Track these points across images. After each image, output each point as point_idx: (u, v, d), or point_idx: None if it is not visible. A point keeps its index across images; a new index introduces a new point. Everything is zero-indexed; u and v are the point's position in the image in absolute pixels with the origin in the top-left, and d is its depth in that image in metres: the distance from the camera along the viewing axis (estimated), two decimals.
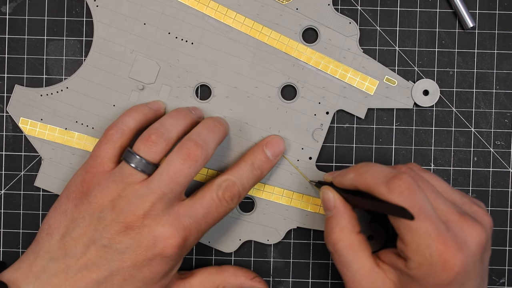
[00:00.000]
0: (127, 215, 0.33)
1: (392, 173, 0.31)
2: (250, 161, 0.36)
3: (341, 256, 0.33)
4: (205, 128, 0.35)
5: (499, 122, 0.40)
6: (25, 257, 0.34)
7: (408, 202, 0.30)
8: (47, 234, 0.34)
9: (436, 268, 0.30)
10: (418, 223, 0.30)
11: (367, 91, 0.39)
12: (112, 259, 0.33)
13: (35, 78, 0.40)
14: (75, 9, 0.40)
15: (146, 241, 0.33)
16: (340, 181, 0.34)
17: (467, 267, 0.30)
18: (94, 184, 0.34)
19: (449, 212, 0.31)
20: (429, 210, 0.30)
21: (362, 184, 0.32)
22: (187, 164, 0.33)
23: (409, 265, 0.31)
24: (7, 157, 0.40)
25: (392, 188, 0.30)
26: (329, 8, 0.39)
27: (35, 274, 0.33)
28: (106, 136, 0.35)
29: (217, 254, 0.41)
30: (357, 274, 0.33)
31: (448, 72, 0.40)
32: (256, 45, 0.39)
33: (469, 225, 0.31)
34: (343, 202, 0.34)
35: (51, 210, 0.35)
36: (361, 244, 0.33)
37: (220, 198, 0.34)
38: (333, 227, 0.34)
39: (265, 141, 0.38)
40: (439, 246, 0.30)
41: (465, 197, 0.34)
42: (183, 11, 0.39)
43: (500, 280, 0.40)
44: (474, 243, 0.31)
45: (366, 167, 0.33)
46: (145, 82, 0.39)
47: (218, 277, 0.38)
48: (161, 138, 0.34)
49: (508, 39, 0.40)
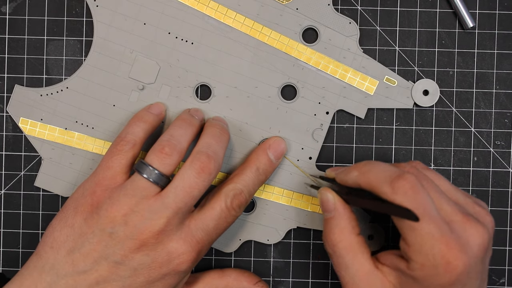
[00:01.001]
0: (142, 232, 0.32)
1: (396, 173, 0.31)
2: (254, 166, 0.36)
3: (340, 258, 0.33)
4: (213, 138, 0.35)
5: (499, 122, 0.40)
6: (26, 272, 0.33)
7: (412, 202, 0.30)
8: (51, 248, 0.33)
9: (439, 269, 0.30)
10: (422, 224, 0.30)
11: (367, 91, 0.39)
12: (125, 276, 0.32)
13: (35, 78, 0.40)
14: (75, 9, 0.40)
15: (160, 257, 0.32)
16: (343, 179, 0.34)
17: (469, 268, 0.30)
18: (105, 198, 0.33)
19: (452, 212, 0.31)
20: (433, 210, 0.30)
21: (365, 183, 0.32)
22: (201, 178, 0.33)
23: (411, 266, 0.31)
24: (7, 157, 0.40)
25: (396, 188, 0.30)
26: (329, 8, 0.39)
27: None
28: (117, 147, 0.34)
29: (217, 254, 0.41)
30: (356, 276, 0.33)
31: (448, 72, 0.40)
32: (256, 45, 0.39)
33: (472, 226, 0.31)
34: (342, 203, 0.34)
35: (56, 223, 0.34)
36: (360, 246, 0.33)
37: (229, 207, 0.34)
38: (332, 228, 0.34)
39: (267, 143, 0.38)
40: (442, 247, 0.29)
41: (468, 197, 0.34)
42: (183, 11, 0.39)
43: (500, 280, 0.40)
44: (476, 244, 0.31)
45: (370, 165, 0.33)
46: (145, 82, 0.39)
47: (220, 282, 0.38)
48: (174, 150, 0.33)
49: (508, 39, 0.40)
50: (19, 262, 0.41)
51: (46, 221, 0.40)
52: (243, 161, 0.39)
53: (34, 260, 0.33)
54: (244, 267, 0.40)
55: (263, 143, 0.38)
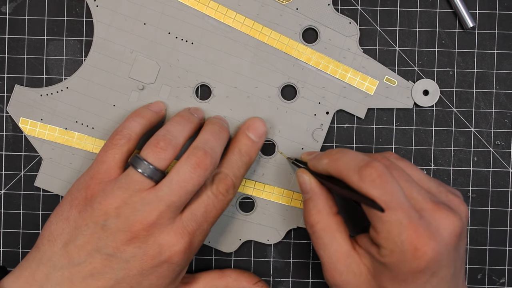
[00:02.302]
0: (133, 224, 0.32)
1: (364, 161, 0.31)
2: (236, 149, 0.36)
3: (319, 238, 0.33)
4: (211, 135, 0.35)
5: (499, 122, 0.40)
6: (25, 264, 0.33)
7: (379, 190, 0.30)
8: (48, 241, 0.33)
9: (407, 255, 0.29)
10: (389, 212, 0.30)
11: (367, 91, 0.39)
12: (117, 268, 0.32)
13: (35, 78, 0.40)
14: (75, 9, 0.40)
15: (151, 250, 0.32)
16: (314, 165, 0.34)
17: (439, 255, 0.30)
18: (99, 191, 0.33)
19: (423, 200, 0.31)
20: (401, 198, 0.30)
21: (334, 171, 0.32)
22: (197, 173, 0.33)
23: (381, 252, 0.31)
24: (7, 157, 0.40)
25: (364, 176, 0.30)
26: (329, 8, 0.39)
27: (38, 282, 0.32)
28: (112, 141, 0.34)
29: (217, 254, 0.41)
30: (333, 256, 0.33)
31: (448, 72, 0.40)
32: (256, 45, 0.39)
33: (443, 213, 0.31)
34: (318, 184, 0.34)
35: (53, 216, 0.34)
36: (338, 226, 0.33)
37: (216, 193, 0.34)
38: (310, 209, 0.34)
39: (245, 125, 0.37)
40: (410, 233, 0.29)
41: (442, 186, 0.33)
42: (183, 11, 0.39)
43: (500, 280, 0.40)
44: (447, 231, 0.30)
45: (341, 153, 0.33)
46: (145, 82, 0.39)
47: (220, 282, 0.38)
48: (169, 145, 0.33)
49: (508, 39, 0.40)
50: (19, 262, 0.40)
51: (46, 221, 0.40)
52: None
53: (33, 252, 0.34)
54: (244, 267, 0.40)
55: (242, 125, 0.38)
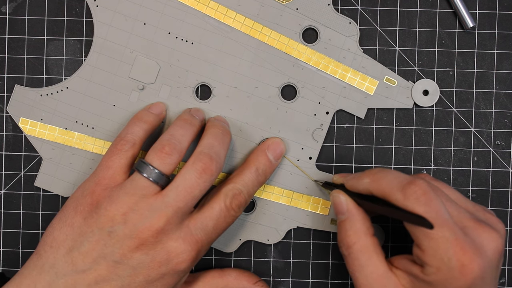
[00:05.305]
0: (141, 231, 0.32)
1: (407, 179, 0.31)
2: (254, 167, 0.36)
3: (355, 259, 0.33)
4: (215, 139, 0.35)
5: (499, 122, 0.40)
6: (26, 271, 0.33)
7: (424, 207, 0.30)
8: (51, 247, 0.33)
9: (454, 272, 0.30)
10: (436, 229, 0.30)
11: (367, 91, 0.39)
12: (124, 275, 0.32)
13: (35, 78, 0.40)
14: (75, 9, 0.40)
15: (159, 257, 0.32)
16: (354, 185, 0.34)
17: (484, 272, 0.30)
18: (105, 197, 0.33)
19: (464, 218, 0.31)
20: (446, 215, 0.30)
21: (377, 190, 0.32)
22: (203, 178, 0.33)
23: (426, 270, 0.31)
24: (7, 157, 0.40)
25: (408, 194, 0.30)
26: (329, 8, 0.39)
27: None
28: (117, 147, 0.34)
29: (217, 254, 0.41)
30: (370, 278, 0.32)
31: (448, 72, 0.40)
32: (256, 45, 0.39)
33: (486, 231, 0.31)
34: (355, 205, 0.34)
35: (56, 222, 0.34)
36: (375, 247, 0.33)
37: (228, 207, 0.34)
38: (347, 230, 0.33)
39: (266, 144, 0.38)
40: (457, 250, 0.29)
41: (477, 205, 0.34)
42: (183, 11, 0.39)
43: (500, 280, 0.40)
44: (491, 248, 0.31)
45: (382, 173, 0.33)
46: (145, 82, 0.39)
47: (220, 281, 0.38)
48: (174, 150, 0.34)
49: (508, 39, 0.40)
50: (19, 262, 0.41)
51: (46, 221, 0.40)
52: (243, 161, 0.39)
53: (34, 259, 0.33)
54: (244, 267, 0.40)
55: (262, 144, 0.38)
